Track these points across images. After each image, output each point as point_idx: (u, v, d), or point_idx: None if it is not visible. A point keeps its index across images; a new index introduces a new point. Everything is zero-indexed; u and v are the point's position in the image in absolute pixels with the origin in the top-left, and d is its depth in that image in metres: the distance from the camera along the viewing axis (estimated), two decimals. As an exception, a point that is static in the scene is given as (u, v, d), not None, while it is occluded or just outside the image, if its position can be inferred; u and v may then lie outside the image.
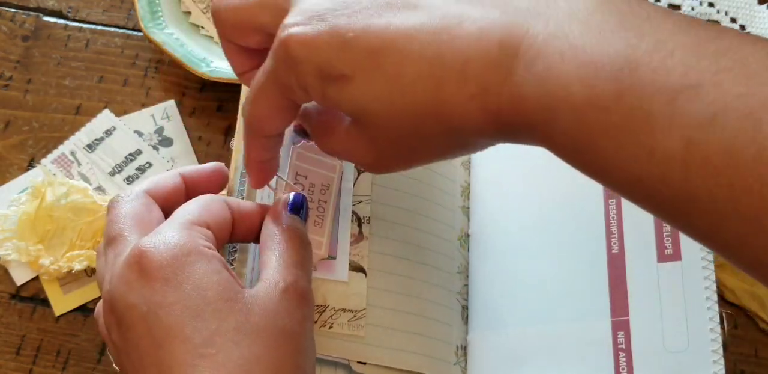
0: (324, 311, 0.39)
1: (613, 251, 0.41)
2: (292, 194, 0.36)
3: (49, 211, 0.50)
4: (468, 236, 0.46)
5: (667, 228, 0.40)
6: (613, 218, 0.42)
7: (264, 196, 0.39)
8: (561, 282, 0.42)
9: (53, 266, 0.49)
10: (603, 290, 0.40)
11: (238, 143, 0.39)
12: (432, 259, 0.44)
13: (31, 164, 0.53)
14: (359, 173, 0.42)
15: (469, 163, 0.48)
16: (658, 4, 0.49)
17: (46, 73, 0.56)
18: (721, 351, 0.36)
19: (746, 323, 0.47)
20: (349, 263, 0.40)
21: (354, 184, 0.42)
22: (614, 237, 0.41)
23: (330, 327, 0.39)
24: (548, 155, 0.33)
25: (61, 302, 0.49)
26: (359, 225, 0.41)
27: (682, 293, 0.38)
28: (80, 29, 0.57)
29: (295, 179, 0.39)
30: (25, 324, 0.49)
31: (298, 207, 0.35)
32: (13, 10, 0.58)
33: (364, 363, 0.39)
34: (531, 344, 0.41)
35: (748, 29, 0.50)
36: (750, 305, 0.47)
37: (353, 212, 0.41)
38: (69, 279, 0.50)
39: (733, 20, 0.49)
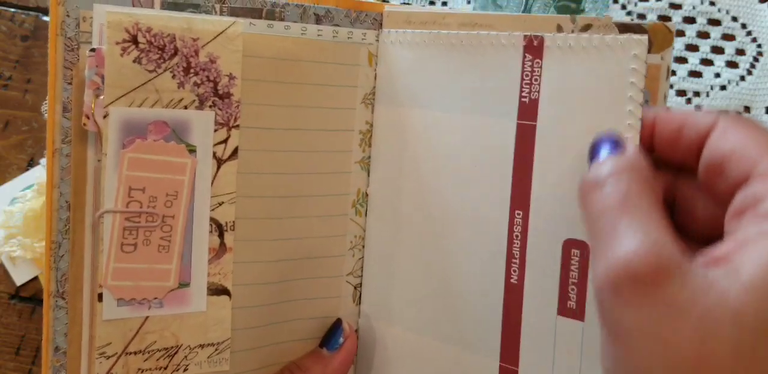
0: (176, 353, 0.31)
1: (512, 280, 0.32)
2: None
3: (54, 208, 0.49)
4: (366, 195, 0.37)
5: (574, 275, 0.31)
6: (517, 236, 0.32)
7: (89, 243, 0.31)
8: (452, 296, 0.34)
9: (58, 264, 0.48)
10: (495, 326, 0.33)
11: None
12: (314, 249, 0.35)
13: (30, 164, 0.53)
14: (220, 163, 0.33)
15: (373, 98, 0.37)
16: (659, 3, 0.49)
17: (45, 73, 0.54)
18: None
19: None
20: (208, 287, 0.32)
21: (213, 181, 0.32)
22: (515, 263, 0.32)
23: (185, 370, 0.31)
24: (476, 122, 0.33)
25: (60, 304, 0.49)
26: (220, 235, 0.32)
27: (578, 357, 0.30)
28: (78, 22, 0.54)
29: (128, 195, 0.31)
30: (25, 324, 0.50)
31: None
32: (12, 9, 0.57)
33: None
34: (417, 356, 0.35)
35: (749, 28, 0.49)
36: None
37: (212, 220, 0.32)
38: (68, 280, 0.49)
39: (735, 19, 0.50)
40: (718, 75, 0.48)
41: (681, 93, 0.47)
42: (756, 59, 0.49)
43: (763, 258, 0.21)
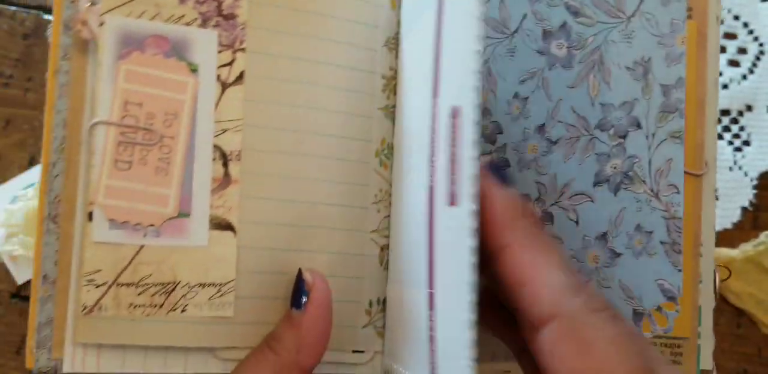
0: (173, 290, 0.27)
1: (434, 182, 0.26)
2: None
3: (55, 207, 0.47)
4: (391, 147, 0.32)
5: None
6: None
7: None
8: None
9: (59, 263, 0.46)
10: (422, 247, 0.26)
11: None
12: (331, 196, 0.31)
13: (31, 163, 0.51)
14: (224, 87, 0.29)
15: (396, 42, 0.33)
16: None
17: (46, 71, 0.53)
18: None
19: (750, 324, 0.49)
20: (210, 220, 0.28)
21: (217, 105, 0.29)
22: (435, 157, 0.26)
23: (183, 311, 0.27)
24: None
25: (57, 303, 0.46)
26: (225, 164, 0.29)
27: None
28: (83, 20, 0.53)
29: (124, 109, 0.28)
30: (26, 323, 0.46)
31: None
32: (13, 8, 0.56)
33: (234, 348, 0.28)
34: (400, 309, 0.29)
35: (751, 27, 0.50)
36: (754, 309, 0.47)
37: (215, 147, 0.29)
38: (65, 279, 0.46)
39: (736, 17, 0.50)
40: (720, 74, 0.48)
41: (684, 91, 0.48)
42: (758, 58, 0.50)
43: None
